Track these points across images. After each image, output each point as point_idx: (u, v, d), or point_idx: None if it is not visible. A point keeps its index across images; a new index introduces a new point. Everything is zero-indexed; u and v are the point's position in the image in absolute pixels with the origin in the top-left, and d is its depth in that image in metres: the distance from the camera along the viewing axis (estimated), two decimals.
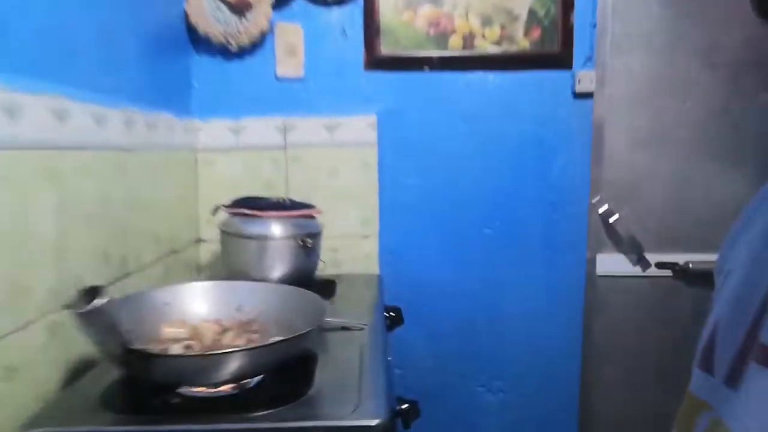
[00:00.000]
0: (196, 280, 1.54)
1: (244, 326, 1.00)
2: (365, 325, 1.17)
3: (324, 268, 1.53)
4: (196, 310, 1.06)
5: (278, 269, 1.36)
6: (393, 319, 1.45)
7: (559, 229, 1.66)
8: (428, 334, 1.70)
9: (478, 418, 1.73)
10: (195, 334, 0.97)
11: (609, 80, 1.66)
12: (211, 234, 1.40)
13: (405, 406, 1.01)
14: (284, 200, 1.42)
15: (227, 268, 1.41)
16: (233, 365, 0.78)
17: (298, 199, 1.50)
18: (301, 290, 1.03)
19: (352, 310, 1.32)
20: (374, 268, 1.66)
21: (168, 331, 0.97)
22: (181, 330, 0.98)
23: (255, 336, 0.95)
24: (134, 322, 0.97)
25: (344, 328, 1.17)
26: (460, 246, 1.67)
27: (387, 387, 0.95)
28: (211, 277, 1.62)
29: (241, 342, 0.94)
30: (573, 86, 1.60)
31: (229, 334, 0.96)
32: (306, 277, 1.41)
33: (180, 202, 1.50)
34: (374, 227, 1.65)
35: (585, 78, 1.58)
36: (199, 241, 1.64)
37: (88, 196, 1.03)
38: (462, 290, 1.68)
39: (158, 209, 1.34)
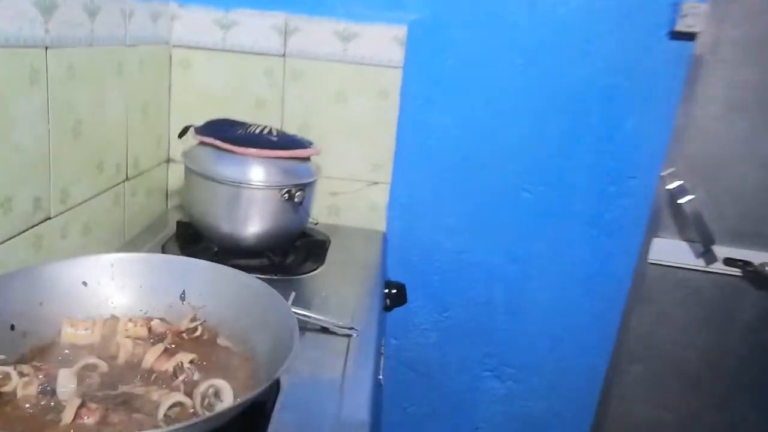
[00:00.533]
0: (158, 218, 1.24)
1: (179, 337, 0.71)
2: (353, 330, 0.88)
3: (317, 224, 1.22)
4: (122, 296, 0.76)
5: (254, 225, 1.04)
6: (394, 297, 1.16)
7: (614, 205, 1.32)
8: (435, 307, 1.42)
9: (480, 405, 1.50)
10: (105, 343, 0.68)
11: (718, 19, 1.25)
12: (183, 149, 1.08)
13: None
14: (272, 132, 1.08)
15: (190, 212, 1.10)
16: None
17: (291, 129, 1.16)
18: (270, 291, 0.73)
19: (342, 290, 1.03)
20: (379, 224, 1.34)
21: (67, 332, 0.68)
22: (86, 331, 0.68)
23: (187, 362, 0.65)
24: (27, 311, 0.68)
25: (326, 330, 0.88)
26: (488, 208, 1.34)
27: None
28: (181, 209, 1.32)
29: (167, 367, 0.65)
30: (673, 22, 1.19)
31: (155, 350, 0.66)
32: (289, 237, 1.10)
33: (144, 111, 1.16)
34: (386, 173, 1.31)
35: (693, 12, 1.17)
36: (168, 161, 1.32)
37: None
38: (481, 261, 1.38)
39: (114, 119, 1.01)
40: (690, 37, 1.20)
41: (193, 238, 1.11)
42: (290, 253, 1.12)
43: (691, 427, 1.52)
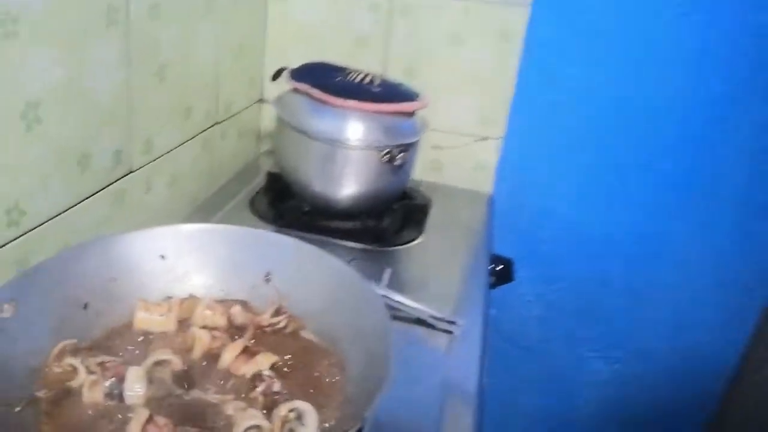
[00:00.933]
0: (251, 162, 1.15)
1: (261, 330, 0.62)
2: (454, 325, 0.76)
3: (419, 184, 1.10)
4: (201, 273, 0.68)
5: (349, 186, 0.93)
6: (499, 274, 1.03)
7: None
8: (542, 278, 1.27)
9: (579, 386, 1.37)
10: (181, 332, 0.61)
11: None
12: (277, 93, 0.97)
13: None
14: (374, 81, 0.94)
15: (281, 164, 1.00)
16: None
17: (395, 73, 1.02)
18: (367, 288, 0.62)
19: (444, 267, 0.91)
20: (486, 185, 1.19)
21: (141, 318, 0.61)
22: (161, 317, 0.61)
23: (267, 368, 0.56)
24: (100, 287, 0.62)
25: (422, 322, 0.77)
26: (614, 176, 1.15)
27: None
28: (272, 153, 1.23)
29: (245, 371, 0.56)
30: None
31: (233, 348, 0.58)
32: (387, 200, 0.99)
33: (237, 51, 1.06)
34: (499, 127, 1.15)
35: None
36: (261, 101, 1.22)
37: None
38: (601, 235, 1.20)
39: (204, 61, 0.91)
40: None
41: (283, 193, 1.02)
42: (387, 216, 1.00)
43: None
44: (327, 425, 0.52)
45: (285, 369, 0.58)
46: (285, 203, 1.00)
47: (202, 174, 1.02)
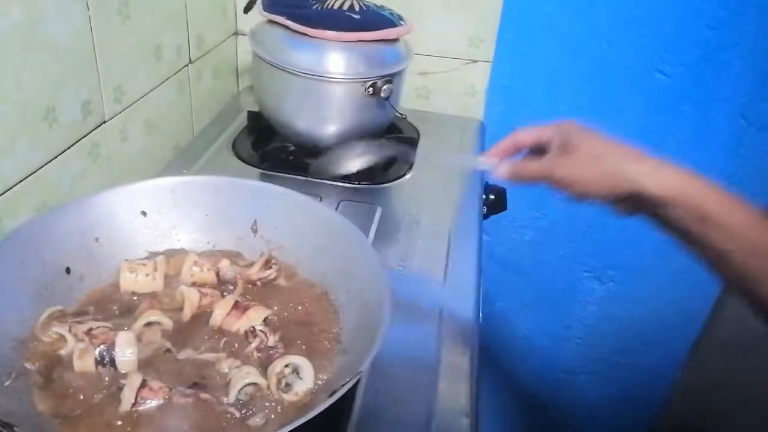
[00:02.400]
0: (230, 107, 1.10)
1: (252, 284, 0.61)
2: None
3: (404, 116, 1.05)
4: (186, 227, 0.66)
5: (333, 122, 0.90)
6: (492, 204, 1.01)
7: (756, 152, 1.06)
8: (534, 203, 1.26)
9: (574, 305, 1.38)
10: (169, 290, 0.59)
11: None
12: (252, 25, 0.91)
13: None
14: (354, 6, 0.88)
15: (261, 104, 0.96)
16: None
17: None
18: (357, 235, 0.60)
19: (436, 200, 0.89)
20: (477, 111, 1.15)
21: (127, 279, 0.59)
22: (147, 277, 0.59)
23: (260, 322, 0.55)
24: (82, 250, 0.59)
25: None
26: (610, 92, 1.11)
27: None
28: (252, 90, 1.18)
29: (238, 327, 0.55)
30: None
31: (224, 304, 0.56)
32: (373, 135, 0.95)
33: None
34: (488, 49, 1.09)
35: None
36: (236, 33, 1.15)
37: None
38: None
39: None
40: None
41: (265, 132, 0.98)
42: None
43: None
44: (323, 378, 0.51)
45: (278, 318, 0.57)
46: (268, 144, 0.96)
47: (180, 118, 0.97)
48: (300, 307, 0.59)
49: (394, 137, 0.99)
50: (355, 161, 0.72)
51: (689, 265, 1.30)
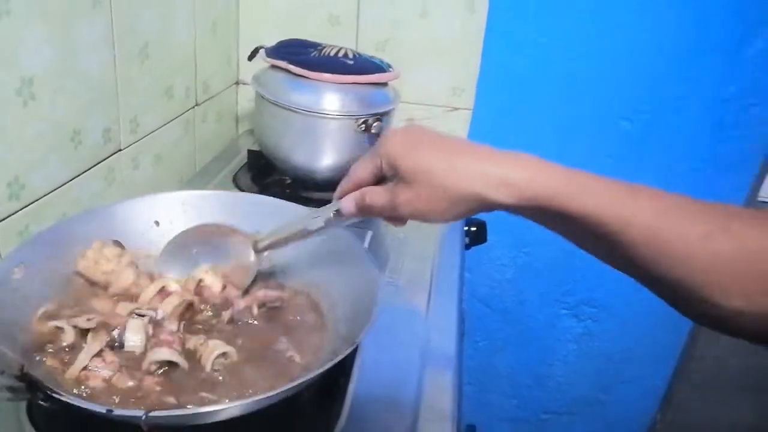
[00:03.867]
0: (230, 142, 1.19)
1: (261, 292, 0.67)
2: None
3: None
4: None
5: (328, 156, 0.98)
6: (473, 236, 1.09)
7: (729, 136, 1.17)
8: (513, 243, 1.34)
9: (555, 343, 1.44)
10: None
11: None
12: (253, 74, 1.01)
13: None
14: (348, 54, 0.98)
15: (261, 141, 1.05)
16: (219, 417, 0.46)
17: (368, 48, 1.06)
18: (351, 239, 0.67)
19: (421, 228, 0.96)
20: None
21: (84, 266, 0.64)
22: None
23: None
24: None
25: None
26: (580, 139, 1.22)
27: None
28: (251, 133, 1.27)
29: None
30: None
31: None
32: None
33: (213, 30, 1.09)
34: (468, 97, 1.20)
35: None
36: (237, 83, 1.26)
37: None
38: None
39: (182, 40, 0.95)
40: None
41: (264, 169, 1.07)
42: None
43: None
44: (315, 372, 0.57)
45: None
46: (267, 178, 1.04)
47: (185, 154, 1.06)
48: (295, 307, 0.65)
49: None
50: None
51: (663, 303, 1.38)
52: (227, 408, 0.44)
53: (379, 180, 0.51)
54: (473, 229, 1.08)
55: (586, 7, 1.11)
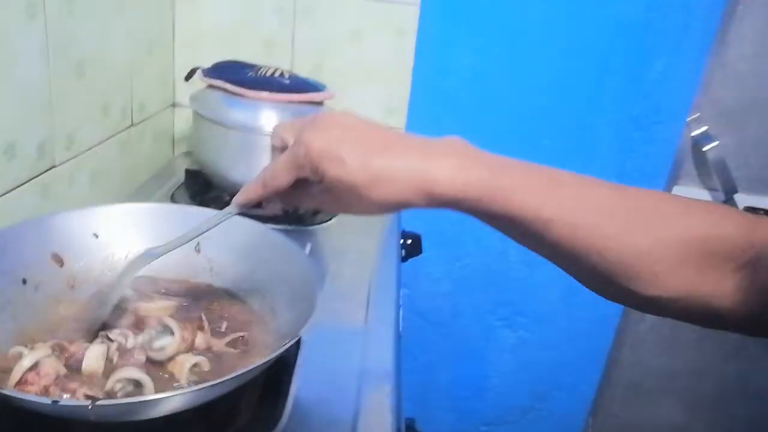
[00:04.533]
0: (166, 164, 1.20)
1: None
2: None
3: None
4: (135, 248, 0.73)
5: None
6: (409, 248, 1.13)
7: (638, 152, 1.27)
8: (449, 257, 1.40)
9: (491, 354, 1.49)
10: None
11: None
12: (189, 97, 1.03)
13: None
14: (284, 74, 1.02)
15: (199, 159, 1.06)
16: (162, 408, 0.47)
17: (303, 71, 1.10)
18: (288, 242, 0.69)
19: (359, 241, 1.00)
20: None
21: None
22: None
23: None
24: (38, 263, 0.65)
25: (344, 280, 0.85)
26: (506, 154, 1.29)
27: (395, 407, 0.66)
28: (188, 155, 1.28)
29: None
30: None
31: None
32: None
33: (149, 50, 1.10)
34: (401, 118, 1.26)
35: None
36: (174, 105, 1.27)
37: None
38: None
39: (118, 59, 0.95)
40: None
41: (202, 187, 1.08)
42: None
43: (703, 376, 1.53)
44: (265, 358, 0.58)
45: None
46: (206, 195, 1.05)
47: (122, 173, 1.05)
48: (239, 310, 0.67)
49: None
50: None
51: (588, 310, 1.46)
52: (174, 396, 0.45)
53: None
54: (409, 241, 1.13)
55: (506, 33, 1.20)
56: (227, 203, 1.02)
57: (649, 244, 0.41)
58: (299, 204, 0.53)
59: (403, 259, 1.13)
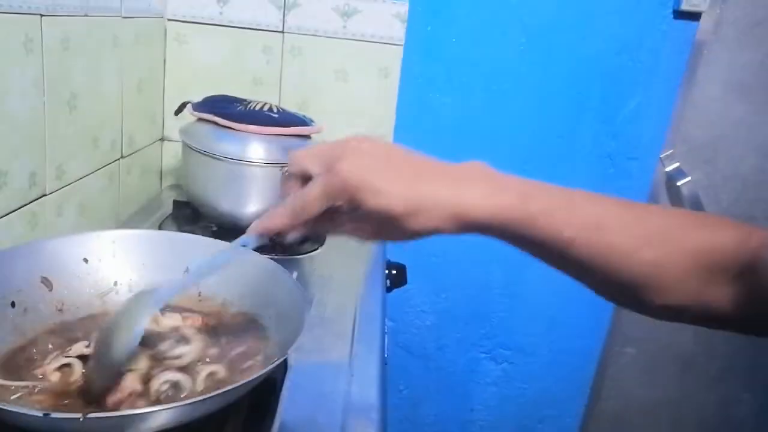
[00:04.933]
0: (153, 193, 1.21)
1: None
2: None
3: None
4: (124, 274, 0.74)
5: (254, 203, 1.03)
6: (394, 278, 1.15)
7: (614, 187, 1.32)
8: (432, 289, 1.41)
9: (475, 387, 1.50)
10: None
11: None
12: (177, 132, 1.05)
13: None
14: (273, 108, 1.05)
15: (188, 190, 1.08)
16: (152, 423, 0.48)
17: (290, 107, 1.14)
18: (275, 267, 0.71)
19: (344, 270, 1.02)
20: None
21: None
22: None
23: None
24: (27, 287, 0.66)
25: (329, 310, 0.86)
26: None
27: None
28: (175, 188, 1.30)
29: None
30: (678, 1, 1.18)
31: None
32: None
33: (139, 87, 1.13)
34: None
35: None
36: (162, 139, 1.29)
37: None
38: (480, 243, 1.35)
39: (109, 94, 0.98)
40: (694, 16, 1.20)
41: (190, 218, 1.09)
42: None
43: (684, 407, 1.54)
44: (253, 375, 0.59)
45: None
46: (194, 225, 1.07)
47: (110, 205, 1.07)
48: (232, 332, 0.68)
49: None
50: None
51: (571, 341, 1.48)
52: (162, 410, 0.46)
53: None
54: (394, 272, 1.14)
55: (485, 74, 1.26)
56: (214, 233, 1.05)
57: (658, 258, 0.44)
58: (325, 231, 0.53)
59: (388, 290, 1.15)
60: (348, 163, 0.46)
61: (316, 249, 1.06)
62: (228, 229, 1.04)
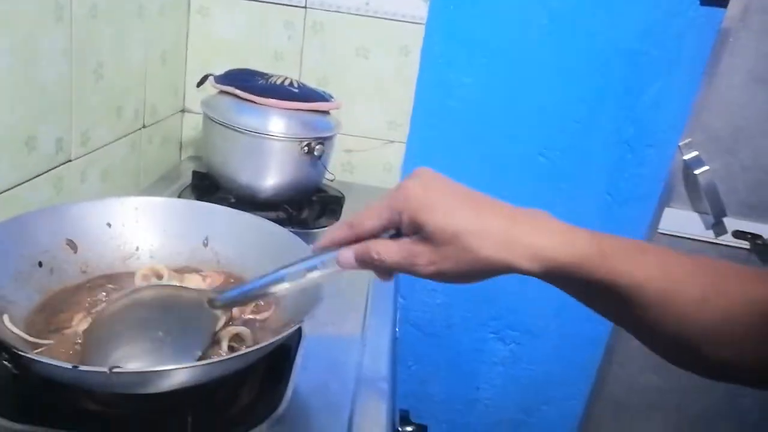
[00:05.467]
0: (173, 166, 1.24)
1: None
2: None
3: (333, 180, 1.22)
4: (145, 240, 0.76)
5: (272, 176, 1.04)
6: None
7: (630, 173, 1.32)
8: None
9: (482, 366, 1.52)
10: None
11: None
12: (198, 104, 1.07)
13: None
14: (293, 83, 1.06)
15: (207, 162, 1.10)
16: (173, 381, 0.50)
17: (309, 83, 1.15)
18: (292, 237, 0.73)
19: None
20: (393, 183, 1.34)
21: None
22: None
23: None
24: (53, 248, 0.68)
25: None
26: (503, 172, 1.34)
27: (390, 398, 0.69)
28: (194, 159, 1.32)
29: None
30: None
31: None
32: (306, 190, 1.10)
33: (163, 58, 1.14)
34: (403, 131, 1.31)
35: None
36: (183, 111, 1.31)
37: None
38: None
39: (134, 65, 0.99)
40: (721, 3, 1.18)
41: (209, 188, 1.11)
42: (306, 207, 1.12)
43: (691, 394, 1.55)
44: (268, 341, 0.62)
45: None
46: (212, 196, 1.09)
47: (131, 173, 1.09)
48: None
49: (323, 195, 1.15)
50: None
51: (579, 326, 1.49)
52: (183, 368, 0.48)
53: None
54: None
55: (506, 55, 1.25)
56: (232, 205, 1.07)
57: (727, 308, 0.41)
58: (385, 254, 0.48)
59: None
60: (414, 183, 0.46)
61: (332, 224, 1.08)
62: (246, 201, 1.06)
